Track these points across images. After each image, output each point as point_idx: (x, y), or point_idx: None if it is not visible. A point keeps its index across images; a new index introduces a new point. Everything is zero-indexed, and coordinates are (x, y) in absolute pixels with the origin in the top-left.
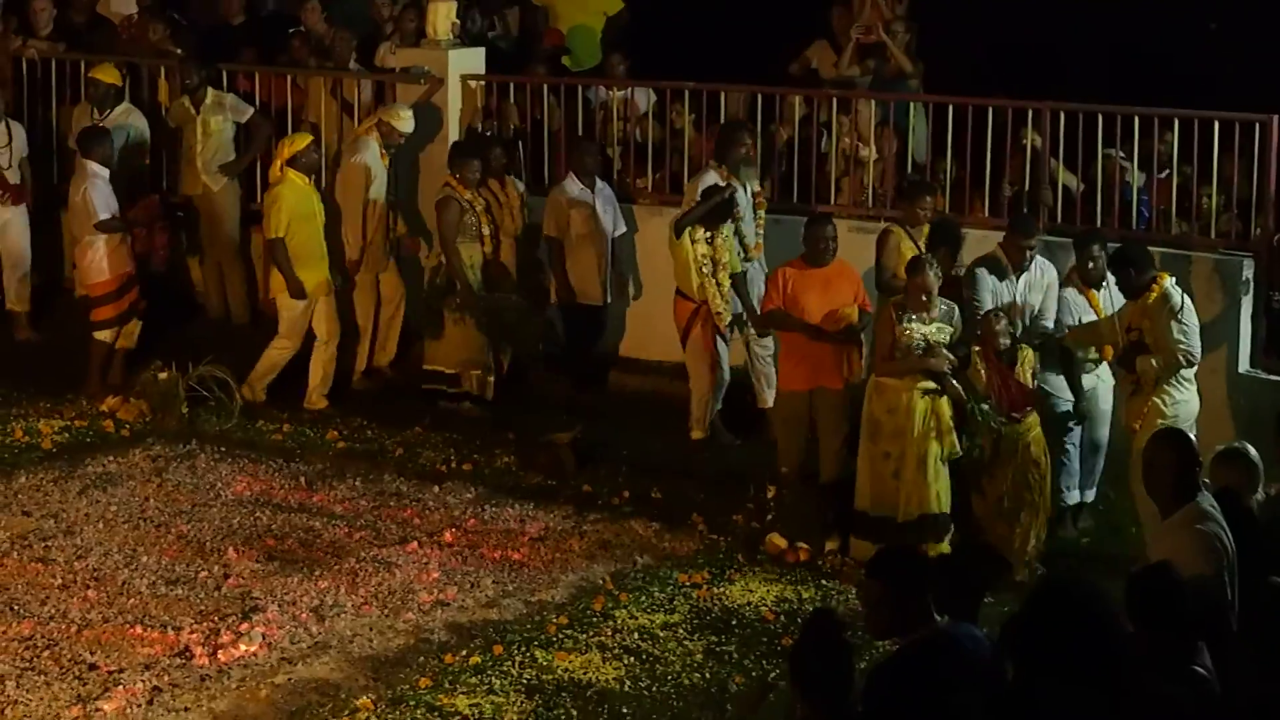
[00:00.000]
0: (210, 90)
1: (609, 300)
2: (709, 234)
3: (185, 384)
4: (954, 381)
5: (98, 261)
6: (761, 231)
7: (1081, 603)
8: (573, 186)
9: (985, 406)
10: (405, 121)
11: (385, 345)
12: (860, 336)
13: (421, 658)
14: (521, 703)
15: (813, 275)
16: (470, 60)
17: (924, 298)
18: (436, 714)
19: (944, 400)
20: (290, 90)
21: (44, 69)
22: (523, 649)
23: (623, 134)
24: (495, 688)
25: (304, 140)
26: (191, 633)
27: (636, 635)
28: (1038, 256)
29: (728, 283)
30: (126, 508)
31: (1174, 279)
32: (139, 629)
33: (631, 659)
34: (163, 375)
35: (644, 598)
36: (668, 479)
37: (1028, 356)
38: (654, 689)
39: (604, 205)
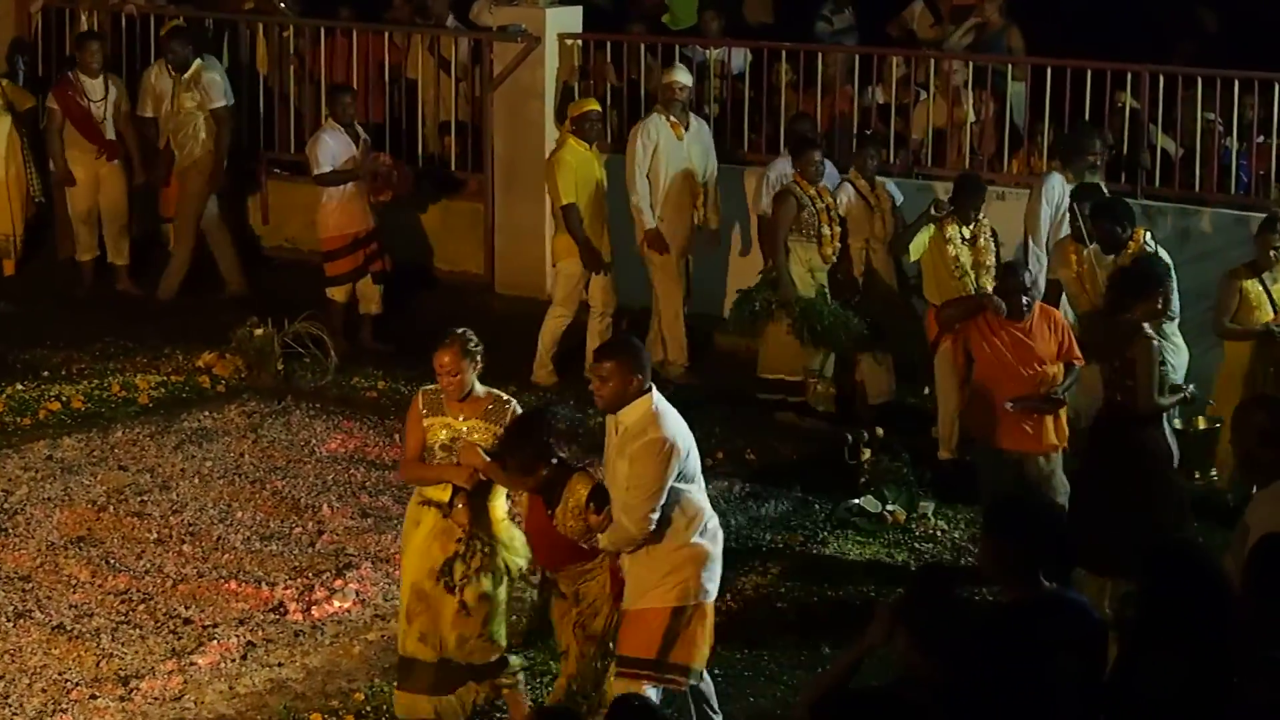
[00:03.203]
0: (198, 65)
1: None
2: (968, 233)
3: (281, 340)
4: None
5: (324, 217)
6: None
7: (1199, 567)
8: (785, 165)
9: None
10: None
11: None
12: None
13: (514, 616)
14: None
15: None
16: (567, 19)
17: None
18: (526, 671)
19: None
20: (389, 48)
21: (143, 25)
22: None
23: (719, 93)
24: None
25: (588, 105)
26: (286, 588)
27: (729, 597)
28: None
29: (990, 287)
30: (222, 463)
31: (1151, 233)
32: (233, 584)
33: (723, 619)
34: (258, 331)
35: (736, 560)
36: (761, 440)
37: None
38: (747, 650)
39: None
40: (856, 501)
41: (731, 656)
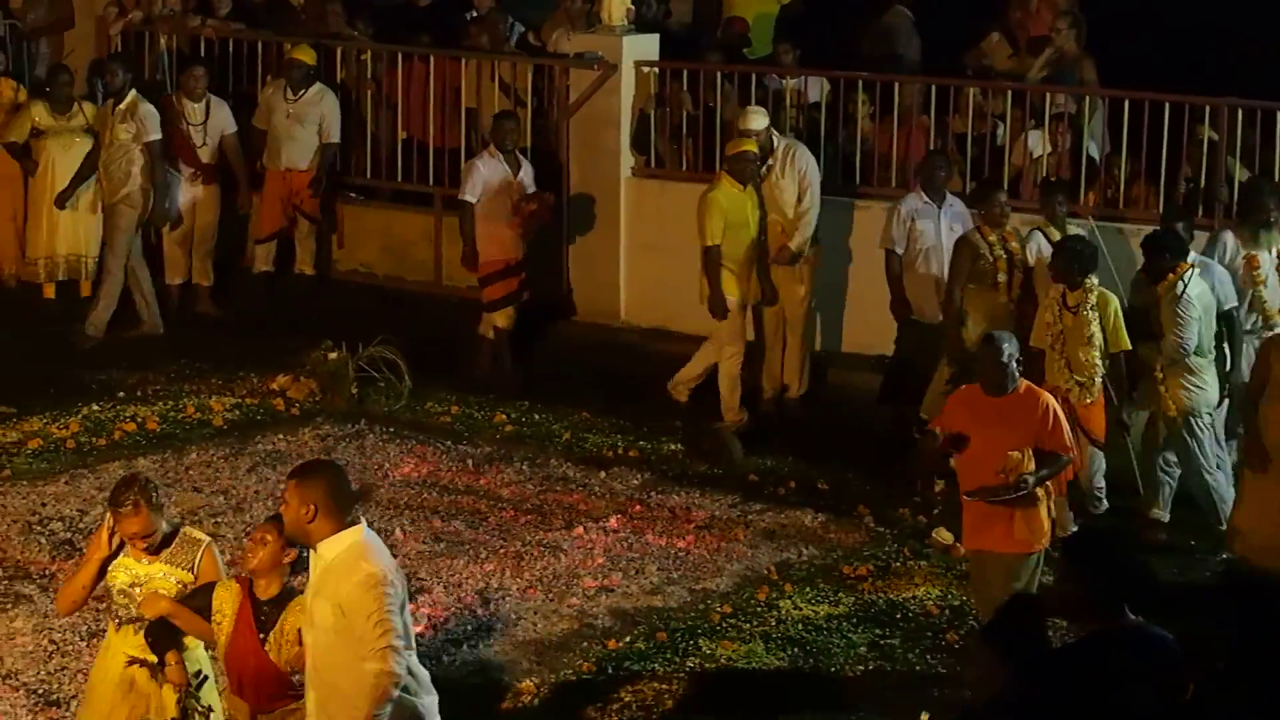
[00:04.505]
0: (133, 96)
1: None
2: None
3: (355, 364)
4: None
5: (479, 244)
6: None
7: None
8: (916, 200)
9: None
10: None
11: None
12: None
13: (585, 643)
14: (684, 690)
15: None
16: (644, 47)
17: None
18: (599, 699)
19: None
20: (463, 76)
21: (222, 49)
22: (686, 637)
23: (795, 123)
24: (658, 674)
25: (745, 145)
26: None
27: (800, 626)
28: None
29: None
30: None
31: (1195, 271)
32: None
33: (795, 650)
34: (332, 355)
35: (808, 589)
36: (834, 470)
37: None
38: (816, 680)
39: (951, 221)
40: (930, 534)
41: (802, 685)
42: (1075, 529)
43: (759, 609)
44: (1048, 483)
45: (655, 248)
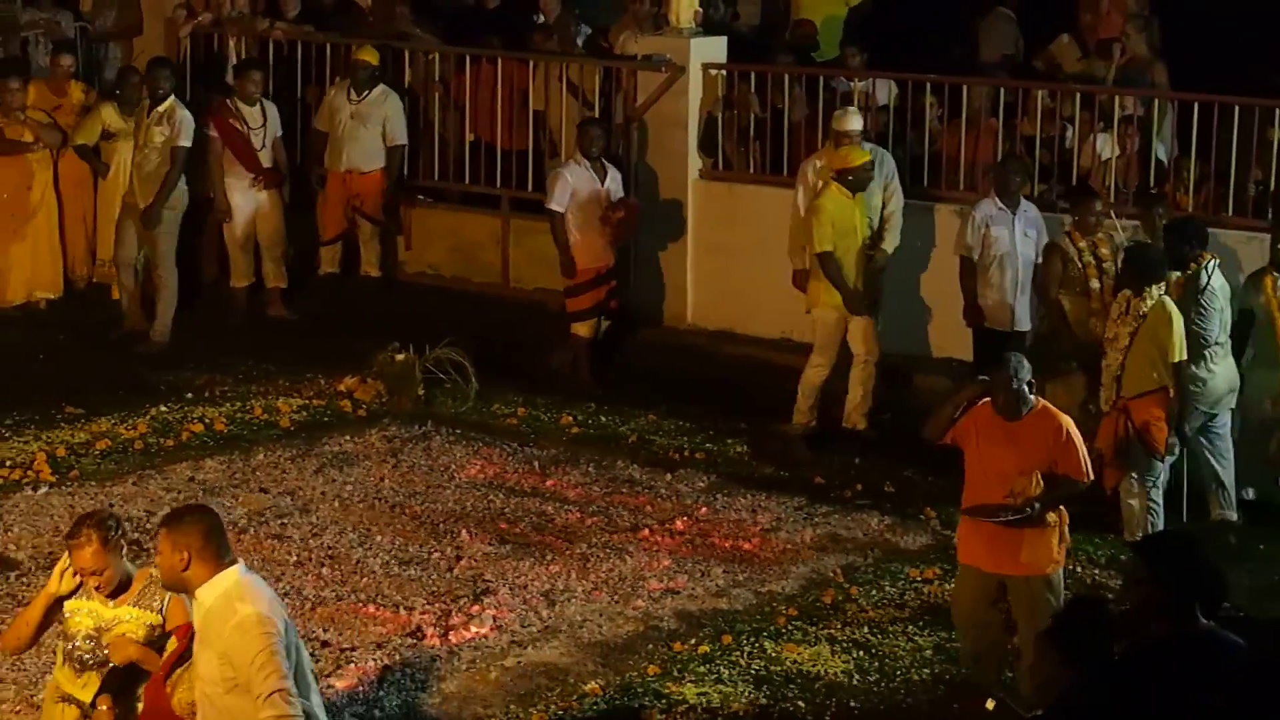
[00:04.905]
0: (172, 101)
1: (1020, 328)
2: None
3: (422, 366)
4: None
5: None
6: None
7: None
8: (990, 206)
9: None
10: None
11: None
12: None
13: (650, 645)
14: (749, 693)
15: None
16: (711, 49)
17: None
18: (664, 702)
19: None
20: (531, 78)
21: (290, 50)
22: (752, 639)
23: (864, 125)
24: (723, 677)
25: (861, 157)
26: (423, 613)
27: (866, 629)
28: None
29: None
30: (362, 487)
31: (1216, 262)
32: (372, 608)
33: (861, 653)
34: (399, 356)
35: (874, 591)
36: (900, 473)
37: None
38: (882, 684)
39: (1025, 227)
40: None
41: (868, 688)
42: (1151, 531)
43: (824, 612)
44: (1061, 509)
45: (722, 250)
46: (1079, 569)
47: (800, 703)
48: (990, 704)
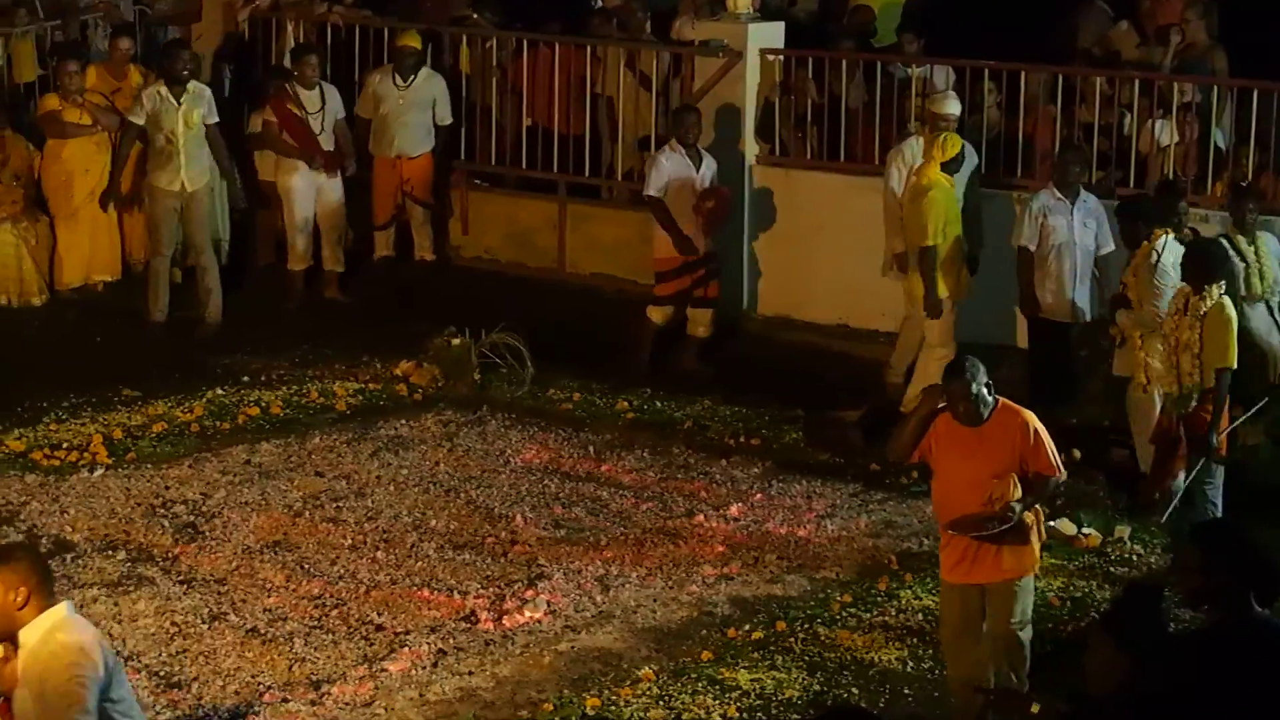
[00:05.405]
0: (194, 82)
1: (1081, 319)
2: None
3: (478, 350)
4: None
5: (659, 239)
6: None
7: None
8: (1048, 196)
9: None
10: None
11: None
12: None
13: (704, 631)
14: (803, 679)
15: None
16: (769, 34)
17: None
18: (718, 687)
19: None
20: (590, 63)
21: (347, 35)
22: (806, 626)
23: (920, 111)
24: (777, 664)
25: (958, 141)
26: (478, 597)
27: (920, 616)
28: None
29: None
30: (417, 471)
31: (1170, 238)
32: (426, 592)
33: (915, 640)
34: (455, 341)
35: (929, 579)
36: None
37: None
38: (936, 671)
39: (1084, 217)
40: (1051, 524)
41: (922, 676)
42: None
43: (879, 599)
44: (1037, 507)
45: (779, 236)
46: (1133, 556)
47: (854, 690)
48: (1035, 708)
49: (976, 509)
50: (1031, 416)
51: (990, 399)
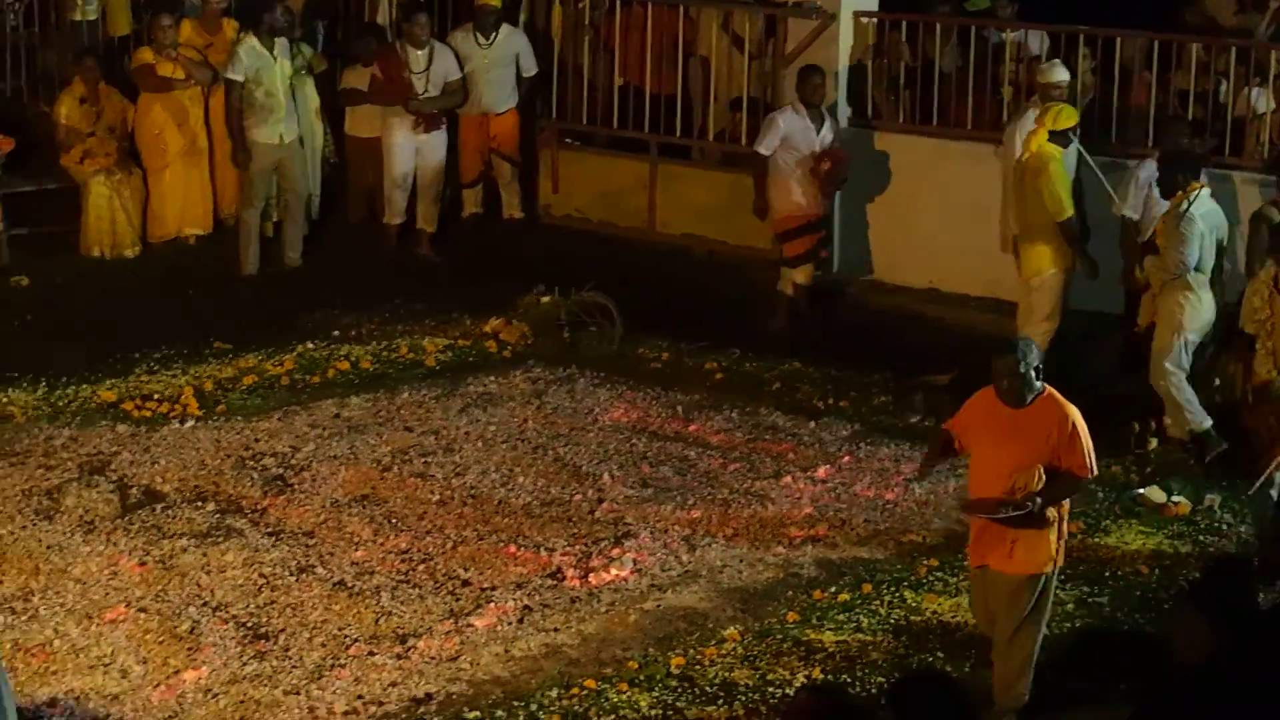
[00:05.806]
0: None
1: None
2: None
3: (567, 309)
4: None
5: (778, 198)
6: None
7: None
8: (1153, 167)
9: None
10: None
11: None
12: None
13: (790, 592)
14: (888, 642)
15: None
16: None
17: None
18: (803, 649)
19: None
20: (682, 23)
21: None
22: (892, 589)
23: (1014, 77)
24: (863, 626)
25: (1072, 118)
26: (564, 555)
27: None
28: None
29: None
30: (505, 428)
31: (1205, 191)
32: (512, 548)
33: None
34: (545, 299)
35: None
36: None
37: None
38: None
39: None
40: (1141, 491)
41: None
42: None
43: (965, 564)
44: (1061, 505)
45: (870, 199)
46: (1223, 525)
47: (940, 653)
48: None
49: (999, 494)
50: (1074, 411)
51: (1037, 385)
